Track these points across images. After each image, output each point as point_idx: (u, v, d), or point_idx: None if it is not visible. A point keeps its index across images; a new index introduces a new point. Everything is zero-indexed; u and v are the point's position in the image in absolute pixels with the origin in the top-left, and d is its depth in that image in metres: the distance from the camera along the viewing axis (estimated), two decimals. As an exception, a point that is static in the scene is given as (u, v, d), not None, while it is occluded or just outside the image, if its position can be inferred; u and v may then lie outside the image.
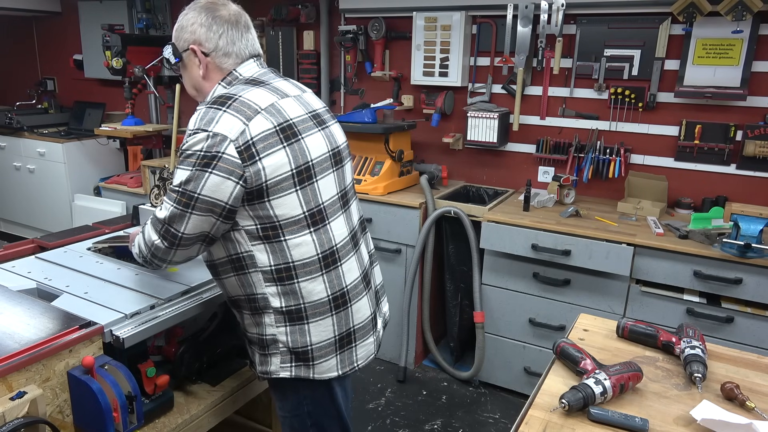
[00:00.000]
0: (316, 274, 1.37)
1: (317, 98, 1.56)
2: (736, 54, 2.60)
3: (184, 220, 1.29)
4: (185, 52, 1.43)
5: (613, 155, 2.91)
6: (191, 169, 1.26)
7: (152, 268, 1.49)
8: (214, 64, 1.41)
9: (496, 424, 2.70)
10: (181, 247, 1.33)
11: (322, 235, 1.38)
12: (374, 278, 1.63)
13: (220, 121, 1.26)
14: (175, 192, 1.29)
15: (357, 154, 3.16)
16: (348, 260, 1.45)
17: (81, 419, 1.30)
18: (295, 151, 1.33)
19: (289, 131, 1.33)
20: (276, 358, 1.41)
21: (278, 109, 1.34)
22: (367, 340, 1.52)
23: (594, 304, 2.55)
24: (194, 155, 1.26)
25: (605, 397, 1.14)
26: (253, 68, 1.44)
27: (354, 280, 1.46)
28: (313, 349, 1.40)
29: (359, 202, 1.63)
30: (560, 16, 2.82)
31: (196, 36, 1.40)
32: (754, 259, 2.21)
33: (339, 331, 1.43)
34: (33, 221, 4.77)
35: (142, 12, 4.04)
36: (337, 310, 1.42)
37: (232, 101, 1.30)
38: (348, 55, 3.56)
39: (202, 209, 1.27)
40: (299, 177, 1.33)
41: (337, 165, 1.46)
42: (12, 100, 5.19)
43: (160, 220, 1.32)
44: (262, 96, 1.34)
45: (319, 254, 1.37)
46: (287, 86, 1.45)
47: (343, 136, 1.55)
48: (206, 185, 1.26)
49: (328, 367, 1.43)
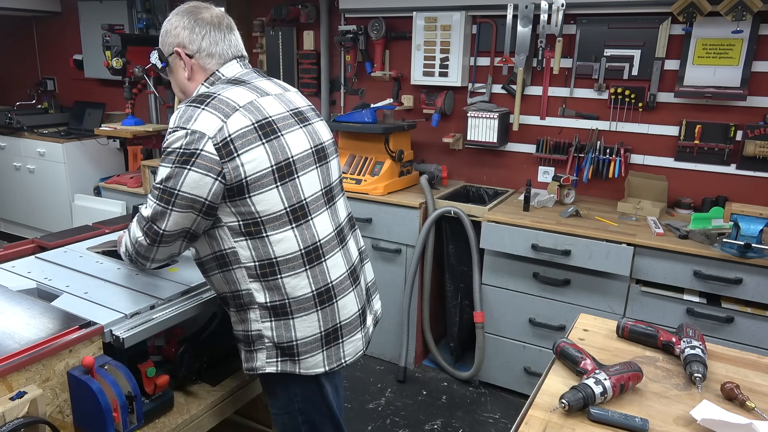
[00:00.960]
0: (299, 270, 1.39)
1: (301, 96, 1.58)
2: (736, 54, 2.60)
3: (166, 216, 1.33)
4: (171, 56, 1.47)
5: (613, 155, 2.91)
6: (171, 166, 1.30)
7: (137, 267, 1.52)
8: (198, 65, 1.45)
9: (496, 424, 2.70)
10: (163, 243, 1.37)
11: (305, 231, 1.39)
12: (365, 275, 1.63)
13: (198, 119, 1.30)
14: (157, 189, 1.33)
15: (357, 154, 3.16)
16: (333, 256, 1.45)
17: (81, 419, 1.30)
18: (275, 147, 1.36)
19: (268, 128, 1.36)
20: (262, 353, 1.43)
21: (257, 106, 1.37)
22: (354, 336, 1.51)
23: (594, 304, 2.55)
24: (174, 153, 1.30)
25: (605, 397, 1.14)
26: (236, 68, 1.47)
27: (339, 276, 1.46)
28: (298, 344, 1.41)
29: (348, 199, 1.65)
30: (560, 16, 2.82)
31: (179, 39, 1.44)
32: (754, 259, 2.21)
33: (325, 326, 1.43)
34: (33, 221, 4.77)
35: (142, 12, 4.04)
36: (322, 305, 1.42)
37: (211, 99, 1.33)
38: (348, 55, 3.56)
39: (182, 206, 1.31)
40: (279, 173, 1.36)
41: (321, 161, 1.48)
42: (12, 100, 5.19)
43: (144, 217, 1.36)
44: (241, 94, 1.37)
45: (302, 250, 1.39)
46: (269, 85, 1.48)
47: (329, 133, 1.58)
48: (185, 182, 1.29)
49: (315, 362, 1.43)
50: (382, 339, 3.13)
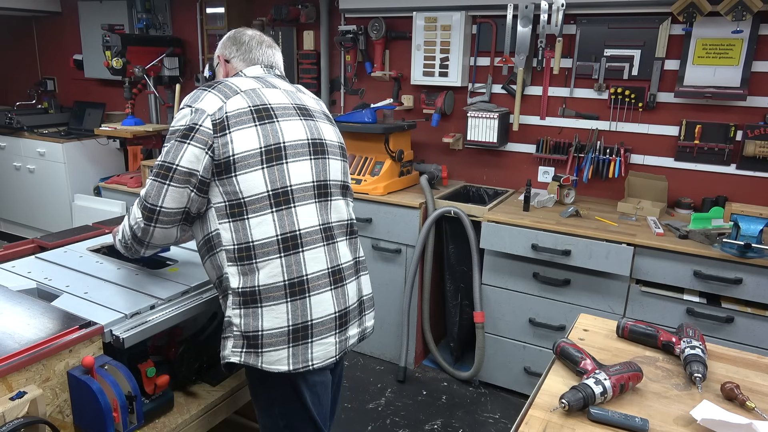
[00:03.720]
0: (273, 256, 1.38)
1: (316, 100, 1.65)
2: (736, 54, 2.60)
3: (163, 191, 1.38)
4: (217, 66, 1.68)
5: (613, 155, 2.91)
6: (174, 140, 1.39)
7: (131, 254, 1.53)
8: (232, 67, 1.63)
9: (496, 424, 2.70)
10: (160, 223, 1.40)
11: (285, 218, 1.40)
12: (360, 286, 1.57)
13: (203, 100, 1.41)
14: (157, 166, 1.39)
15: (357, 154, 3.16)
16: (313, 249, 1.43)
17: (81, 419, 1.30)
18: (267, 130, 1.42)
19: (264, 113, 1.43)
20: (229, 341, 1.41)
21: (258, 93, 1.47)
22: (326, 339, 1.44)
23: (594, 304, 2.55)
24: (178, 130, 1.39)
25: (605, 397, 1.14)
26: (258, 71, 1.59)
27: (317, 272, 1.43)
28: (263, 335, 1.38)
29: (355, 204, 1.67)
30: (560, 16, 2.82)
31: (221, 51, 1.66)
32: (754, 259, 2.21)
33: (294, 321, 1.39)
34: (33, 221, 4.77)
35: (142, 12, 4.05)
36: (293, 297, 1.39)
37: (218, 83, 1.46)
38: (348, 55, 3.56)
39: (179, 180, 1.37)
40: (267, 156, 1.40)
41: (317, 155, 1.50)
42: (12, 100, 5.19)
43: (142, 196, 1.41)
44: (247, 82, 1.49)
45: (279, 236, 1.39)
46: (281, 83, 1.58)
47: (336, 136, 1.62)
48: (185, 155, 1.37)
49: (278, 358, 1.38)
50: (382, 339, 3.14)
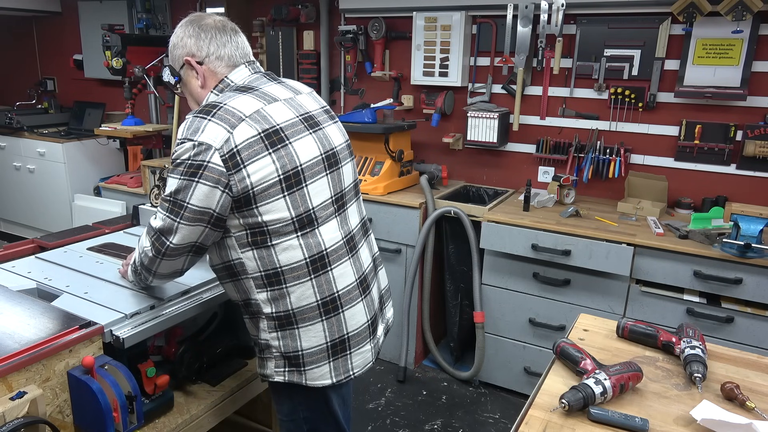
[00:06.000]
0: (304, 279, 1.37)
1: (316, 98, 1.54)
2: (736, 54, 2.60)
3: (174, 229, 1.31)
4: (182, 68, 1.47)
5: (613, 155, 2.91)
6: (179, 178, 1.29)
7: (140, 282, 1.50)
8: (209, 70, 1.44)
9: (496, 424, 2.70)
10: (167, 257, 1.35)
11: (310, 240, 1.37)
12: (378, 282, 1.60)
13: (205, 130, 1.28)
14: (167, 201, 1.31)
15: (357, 155, 3.16)
16: (340, 265, 1.42)
17: (81, 419, 1.30)
18: (282, 156, 1.32)
19: (275, 137, 1.32)
20: (271, 362, 1.43)
21: (264, 115, 1.34)
22: (363, 348, 1.47)
23: (594, 304, 2.55)
24: (182, 164, 1.28)
25: (605, 397, 1.14)
26: (244, 74, 1.45)
27: (347, 286, 1.43)
28: (304, 354, 1.39)
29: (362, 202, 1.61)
30: (560, 16, 2.81)
31: (187, 48, 1.44)
32: (754, 259, 2.21)
33: (331, 337, 1.41)
34: (33, 221, 4.77)
35: (142, 12, 4.04)
36: (327, 315, 1.40)
37: (217, 110, 1.31)
38: (348, 55, 3.56)
39: (191, 218, 1.29)
40: (287, 182, 1.33)
41: (331, 167, 1.44)
42: (12, 100, 5.19)
43: (154, 228, 1.35)
44: (248, 103, 1.34)
45: (307, 258, 1.36)
46: (279, 90, 1.44)
47: (342, 136, 1.53)
48: (194, 194, 1.28)
49: (321, 373, 1.41)
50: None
